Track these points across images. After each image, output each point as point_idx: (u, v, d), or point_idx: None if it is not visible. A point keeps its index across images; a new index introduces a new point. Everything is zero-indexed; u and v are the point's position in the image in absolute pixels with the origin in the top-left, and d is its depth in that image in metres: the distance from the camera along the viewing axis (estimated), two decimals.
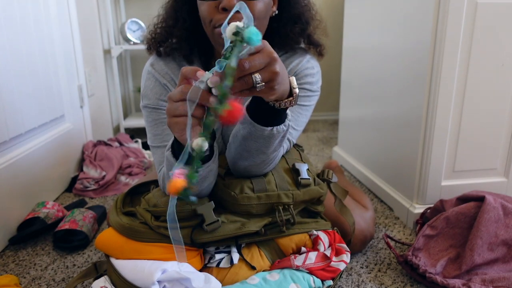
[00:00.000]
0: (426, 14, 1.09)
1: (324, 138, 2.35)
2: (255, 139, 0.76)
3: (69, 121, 1.64)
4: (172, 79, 0.87)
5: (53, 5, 1.51)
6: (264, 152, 0.80)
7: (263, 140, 0.75)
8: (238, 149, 0.82)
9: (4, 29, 1.17)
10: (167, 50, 0.88)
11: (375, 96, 1.47)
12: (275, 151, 0.82)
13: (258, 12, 0.78)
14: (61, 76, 1.57)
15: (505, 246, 0.96)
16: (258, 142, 0.76)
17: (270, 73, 0.57)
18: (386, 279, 0.98)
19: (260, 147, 0.78)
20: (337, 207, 1.01)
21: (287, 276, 0.81)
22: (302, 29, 0.89)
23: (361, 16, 1.54)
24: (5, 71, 1.17)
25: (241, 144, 0.80)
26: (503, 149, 1.21)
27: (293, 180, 0.91)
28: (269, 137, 0.74)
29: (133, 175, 1.67)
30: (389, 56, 1.32)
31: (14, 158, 1.20)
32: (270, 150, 0.79)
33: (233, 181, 0.87)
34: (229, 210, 0.87)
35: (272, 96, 0.61)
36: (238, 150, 0.82)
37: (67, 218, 1.17)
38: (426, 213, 1.17)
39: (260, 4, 0.77)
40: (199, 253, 0.83)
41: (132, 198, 1.00)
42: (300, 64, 0.89)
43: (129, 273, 0.77)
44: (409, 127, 1.23)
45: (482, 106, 1.15)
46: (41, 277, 1.00)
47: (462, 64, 1.09)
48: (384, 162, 1.43)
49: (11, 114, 1.20)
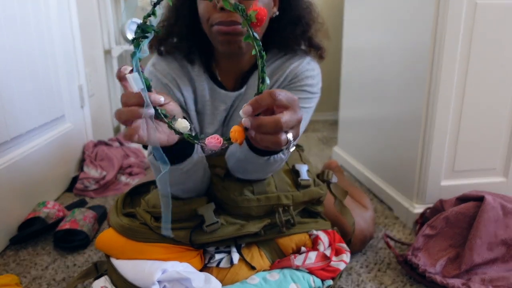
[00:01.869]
0: (426, 14, 1.09)
1: (324, 138, 2.35)
2: (251, 163, 0.77)
3: (69, 121, 1.64)
4: (174, 79, 0.87)
5: (53, 5, 1.51)
6: (262, 171, 0.83)
7: (260, 165, 0.77)
8: (235, 165, 0.84)
9: (4, 29, 1.17)
10: (168, 49, 0.88)
11: (375, 96, 1.47)
12: (274, 171, 0.85)
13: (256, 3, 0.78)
14: (62, 76, 1.57)
15: (504, 246, 0.96)
16: (256, 165, 0.78)
17: (296, 134, 0.53)
18: (386, 278, 0.98)
19: (256, 169, 0.81)
20: (337, 207, 1.01)
21: (287, 276, 0.82)
22: (302, 31, 0.89)
23: (361, 16, 1.54)
24: (6, 72, 1.17)
25: (238, 163, 0.82)
26: (502, 149, 1.21)
27: (293, 181, 0.91)
28: (266, 164, 0.75)
29: (133, 175, 1.67)
30: (389, 56, 1.32)
31: (14, 158, 1.21)
32: (267, 171, 0.82)
33: (233, 183, 0.87)
34: (228, 212, 0.87)
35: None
36: (235, 166, 0.84)
37: (67, 218, 1.18)
38: (425, 213, 1.17)
39: (259, 4, 0.77)
40: (199, 253, 0.84)
41: (132, 199, 1.01)
42: (300, 66, 0.89)
43: (129, 273, 0.77)
44: (409, 127, 1.23)
45: (482, 106, 1.15)
46: (41, 276, 1.00)
47: (462, 64, 1.09)
48: (384, 162, 1.43)
49: (12, 114, 1.20)
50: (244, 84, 0.90)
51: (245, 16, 0.48)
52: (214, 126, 0.92)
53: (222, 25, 0.76)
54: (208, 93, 0.90)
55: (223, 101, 0.90)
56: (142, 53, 0.51)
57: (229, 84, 0.92)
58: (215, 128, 0.92)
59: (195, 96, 0.91)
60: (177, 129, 0.53)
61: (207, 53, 0.91)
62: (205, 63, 0.91)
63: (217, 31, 0.78)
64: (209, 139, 0.50)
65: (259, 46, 0.49)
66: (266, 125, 0.48)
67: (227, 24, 0.75)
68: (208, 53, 0.91)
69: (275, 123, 0.48)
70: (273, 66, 0.90)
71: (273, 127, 0.48)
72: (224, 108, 0.91)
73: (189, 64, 0.89)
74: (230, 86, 0.92)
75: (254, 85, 0.90)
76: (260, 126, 0.48)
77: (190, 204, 0.82)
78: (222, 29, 0.77)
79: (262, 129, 0.48)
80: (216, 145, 0.50)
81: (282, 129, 0.48)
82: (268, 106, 0.49)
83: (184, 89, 0.88)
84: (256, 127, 0.48)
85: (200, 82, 0.89)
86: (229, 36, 0.78)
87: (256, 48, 0.49)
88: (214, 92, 0.90)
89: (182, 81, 0.88)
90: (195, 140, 0.52)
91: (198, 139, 0.52)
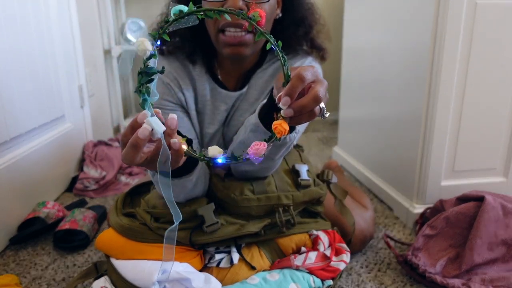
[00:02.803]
0: (426, 14, 1.09)
1: (324, 138, 2.35)
2: None
3: (69, 121, 1.64)
4: (175, 78, 0.87)
5: (53, 5, 1.51)
6: (272, 159, 0.81)
7: (274, 148, 0.75)
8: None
9: (4, 29, 1.17)
10: (170, 49, 0.88)
11: (375, 96, 1.47)
12: (282, 156, 0.83)
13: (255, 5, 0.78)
14: (61, 76, 1.57)
15: (504, 246, 0.96)
16: (269, 150, 0.77)
17: (326, 100, 0.56)
18: (386, 279, 0.98)
19: (269, 154, 0.78)
20: (337, 207, 1.01)
21: (287, 276, 0.82)
22: (305, 33, 0.89)
23: (361, 16, 1.54)
24: (6, 72, 1.17)
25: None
26: (502, 149, 1.21)
27: (293, 181, 0.91)
28: (281, 145, 0.74)
29: (133, 175, 1.67)
30: (389, 56, 1.32)
31: (14, 158, 1.21)
32: (278, 156, 0.80)
33: (233, 183, 0.87)
34: (228, 211, 0.87)
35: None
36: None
37: (67, 218, 1.18)
38: (426, 213, 1.17)
39: (265, 6, 0.78)
40: (199, 253, 0.83)
41: (132, 199, 1.01)
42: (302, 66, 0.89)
43: (129, 273, 0.77)
44: (409, 127, 1.23)
45: (482, 106, 1.15)
46: (41, 276, 1.00)
47: (462, 64, 1.09)
48: (384, 162, 1.43)
49: (12, 114, 1.20)
50: (245, 84, 0.90)
51: (249, 18, 0.50)
52: (214, 126, 0.92)
53: (230, 26, 0.76)
54: (209, 93, 0.90)
55: (224, 101, 0.90)
56: (152, 97, 0.50)
57: (231, 84, 0.92)
58: (215, 128, 0.92)
59: (196, 96, 0.91)
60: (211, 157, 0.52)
61: (209, 53, 0.91)
62: (207, 63, 0.91)
63: (224, 42, 0.78)
64: (252, 149, 0.50)
65: (271, 37, 0.51)
66: (308, 104, 0.50)
67: (235, 26, 0.76)
68: (210, 53, 0.91)
69: (315, 99, 0.50)
70: (275, 66, 0.90)
71: (314, 103, 0.51)
72: (225, 108, 0.91)
73: (191, 64, 0.89)
74: (231, 86, 0.92)
75: (256, 84, 0.90)
76: (302, 107, 0.50)
77: (190, 205, 0.82)
78: (229, 41, 0.77)
79: (305, 109, 0.51)
80: (263, 149, 0.51)
81: (321, 100, 0.51)
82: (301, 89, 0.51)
83: (185, 88, 0.88)
84: (299, 110, 0.50)
85: (201, 81, 0.89)
86: (235, 47, 0.78)
87: (272, 41, 0.51)
88: (215, 92, 0.90)
89: (183, 80, 0.88)
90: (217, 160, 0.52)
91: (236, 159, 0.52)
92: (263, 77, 0.90)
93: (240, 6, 0.73)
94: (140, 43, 0.48)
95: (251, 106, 0.90)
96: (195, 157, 0.53)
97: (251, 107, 0.90)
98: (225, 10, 0.49)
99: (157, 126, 0.48)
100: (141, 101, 0.50)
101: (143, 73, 0.50)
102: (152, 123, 0.48)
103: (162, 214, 0.82)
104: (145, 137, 0.48)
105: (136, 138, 0.48)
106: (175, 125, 0.51)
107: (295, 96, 0.50)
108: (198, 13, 0.49)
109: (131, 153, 0.49)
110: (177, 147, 0.51)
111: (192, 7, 0.50)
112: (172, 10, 0.50)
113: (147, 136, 0.48)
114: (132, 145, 0.49)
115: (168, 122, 0.50)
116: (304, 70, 0.51)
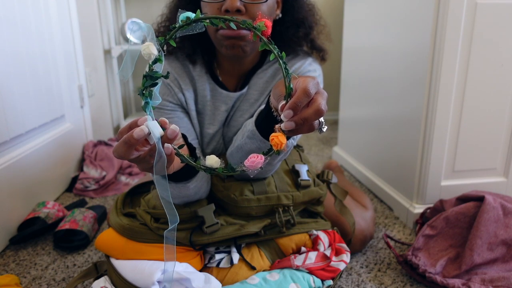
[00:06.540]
0: (426, 14, 1.09)
1: (324, 138, 2.35)
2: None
3: (69, 121, 1.64)
4: (176, 79, 0.87)
5: (53, 5, 1.51)
6: (271, 163, 0.81)
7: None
8: (243, 160, 0.82)
9: (4, 29, 1.17)
10: (170, 49, 0.89)
11: (375, 96, 1.47)
12: (281, 160, 0.83)
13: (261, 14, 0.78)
14: (62, 76, 1.57)
15: (504, 246, 0.96)
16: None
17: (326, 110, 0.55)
18: (386, 279, 0.98)
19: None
20: (337, 207, 1.01)
21: (287, 276, 0.82)
22: (305, 34, 0.89)
23: (361, 16, 1.54)
24: (6, 71, 1.17)
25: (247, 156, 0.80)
26: (502, 149, 1.21)
27: (293, 182, 0.91)
28: None
29: (133, 175, 1.67)
30: (389, 56, 1.32)
31: (14, 158, 1.21)
32: (276, 161, 0.81)
33: (233, 184, 0.87)
34: (228, 212, 0.87)
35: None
36: (243, 160, 0.82)
37: (67, 218, 1.18)
38: (426, 213, 1.17)
39: (263, 7, 0.78)
40: (199, 253, 0.83)
41: (132, 198, 1.01)
42: (302, 66, 0.89)
43: (129, 274, 0.77)
44: (409, 127, 1.23)
45: (482, 106, 1.15)
46: (41, 276, 1.00)
47: (462, 64, 1.09)
48: (384, 162, 1.43)
49: (12, 114, 1.20)
50: (245, 85, 0.90)
51: (254, 28, 0.50)
52: (214, 127, 0.92)
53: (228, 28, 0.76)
54: (209, 93, 0.90)
55: (224, 101, 0.90)
56: (154, 100, 0.50)
57: (231, 84, 0.92)
58: (215, 129, 0.92)
59: (196, 96, 0.91)
60: (209, 167, 0.52)
61: (209, 53, 0.91)
62: (207, 64, 0.91)
63: (222, 35, 0.78)
64: (249, 161, 0.50)
65: (275, 48, 0.50)
66: (310, 118, 0.50)
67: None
68: (210, 53, 0.91)
69: (317, 112, 0.50)
70: (275, 67, 0.90)
71: (316, 116, 0.50)
72: (225, 108, 0.91)
73: (191, 64, 0.89)
74: (231, 87, 0.92)
75: (256, 85, 0.90)
76: (305, 120, 0.50)
77: (190, 206, 0.82)
78: (227, 34, 0.77)
79: (306, 122, 0.50)
80: (260, 162, 0.50)
81: (323, 114, 0.51)
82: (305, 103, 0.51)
83: (185, 88, 0.88)
84: (302, 122, 0.50)
85: (201, 82, 0.89)
86: (234, 40, 0.78)
87: (275, 53, 0.50)
88: (215, 93, 0.90)
89: (183, 80, 0.88)
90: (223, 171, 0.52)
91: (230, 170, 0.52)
92: (263, 78, 0.90)
93: (238, 6, 0.73)
94: (145, 47, 0.48)
95: (251, 106, 0.90)
96: (193, 165, 0.52)
97: (251, 108, 0.90)
98: (231, 19, 0.49)
99: (155, 130, 0.48)
100: (143, 104, 0.50)
101: (148, 77, 0.50)
102: (151, 127, 0.48)
103: (162, 215, 0.82)
104: (139, 138, 0.47)
105: (130, 136, 0.48)
106: (174, 137, 0.50)
107: (299, 110, 0.50)
108: (205, 20, 0.50)
109: (122, 149, 0.49)
110: (169, 152, 0.51)
111: (199, 14, 0.50)
112: (180, 16, 0.50)
113: (141, 137, 0.47)
114: (125, 141, 0.48)
115: (168, 132, 0.49)
116: (308, 83, 0.50)
